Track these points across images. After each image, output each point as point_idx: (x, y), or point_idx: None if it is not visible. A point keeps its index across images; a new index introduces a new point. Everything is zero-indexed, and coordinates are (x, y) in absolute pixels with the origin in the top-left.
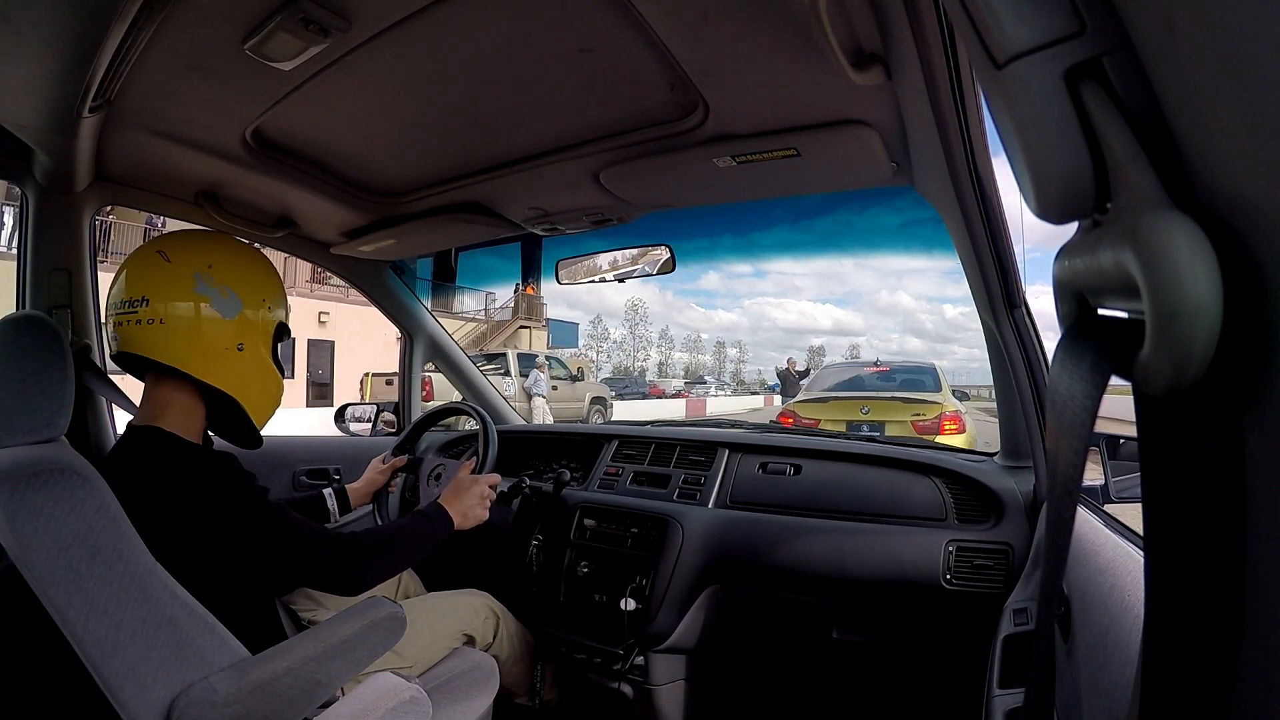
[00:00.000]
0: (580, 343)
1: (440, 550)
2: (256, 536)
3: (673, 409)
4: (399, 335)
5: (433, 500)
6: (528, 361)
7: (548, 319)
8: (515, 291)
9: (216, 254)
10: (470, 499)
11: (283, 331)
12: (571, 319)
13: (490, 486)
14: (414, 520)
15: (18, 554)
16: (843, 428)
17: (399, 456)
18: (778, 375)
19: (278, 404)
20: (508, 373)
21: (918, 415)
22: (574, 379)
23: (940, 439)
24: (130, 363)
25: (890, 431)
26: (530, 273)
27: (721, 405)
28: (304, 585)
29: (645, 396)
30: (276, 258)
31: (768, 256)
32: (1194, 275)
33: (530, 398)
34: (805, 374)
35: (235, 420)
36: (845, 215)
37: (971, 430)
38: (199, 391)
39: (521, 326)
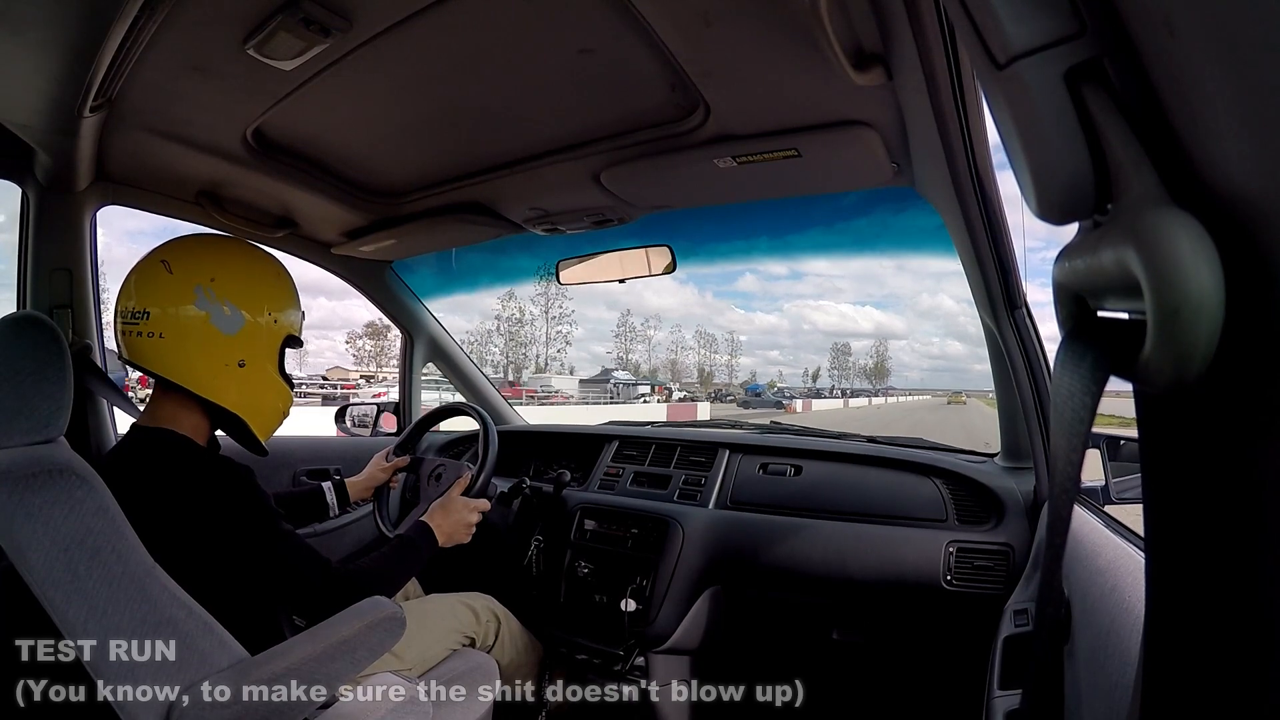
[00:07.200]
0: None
1: (439, 551)
2: (263, 556)
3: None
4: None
5: (418, 519)
6: None
7: None
8: None
9: (221, 264)
10: (457, 522)
11: (292, 341)
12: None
13: (480, 512)
14: (403, 547)
15: (16, 555)
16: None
17: (402, 456)
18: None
19: (283, 416)
20: None
21: (959, 396)
22: None
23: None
24: (136, 366)
25: (951, 402)
26: None
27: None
28: (293, 610)
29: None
30: None
31: (802, 258)
32: (1196, 271)
33: None
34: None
35: (240, 429)
36: (882, 216)
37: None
38: (202, 402)
39: None
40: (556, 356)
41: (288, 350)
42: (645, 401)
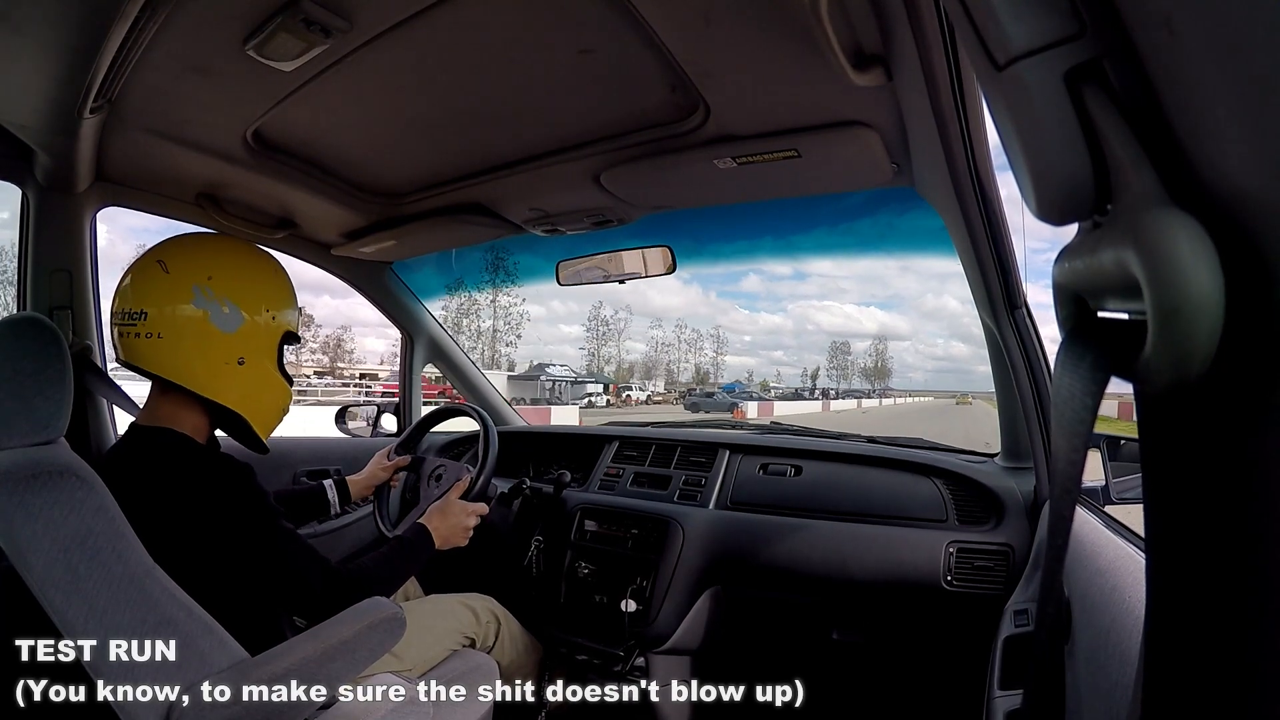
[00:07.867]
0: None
1: (437, 553)
2: (262, 552)
3: None
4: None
5: (416, 521)
6: None
7: None
8: None
9: (217, 263)
10: (455, 526)
11: (290, 338)
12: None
13: (478, 516)
14: (401, 549)
15: (16, 556)
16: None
17: (403, 456)
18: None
19: (283, 414)
20: None
21: (966, 397)
22: None
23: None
24: (134, 368)
25: (959, 403)
26: None
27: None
28: (290, 610)
29: None
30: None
31: (807, 258)
32: (1196, 271)
33: None
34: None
35: (240, 428)
36: (886, 217)
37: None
38: (202, 402)
39: None
40: (505, 352)
41: (285, 347)
42: (592, 403)
